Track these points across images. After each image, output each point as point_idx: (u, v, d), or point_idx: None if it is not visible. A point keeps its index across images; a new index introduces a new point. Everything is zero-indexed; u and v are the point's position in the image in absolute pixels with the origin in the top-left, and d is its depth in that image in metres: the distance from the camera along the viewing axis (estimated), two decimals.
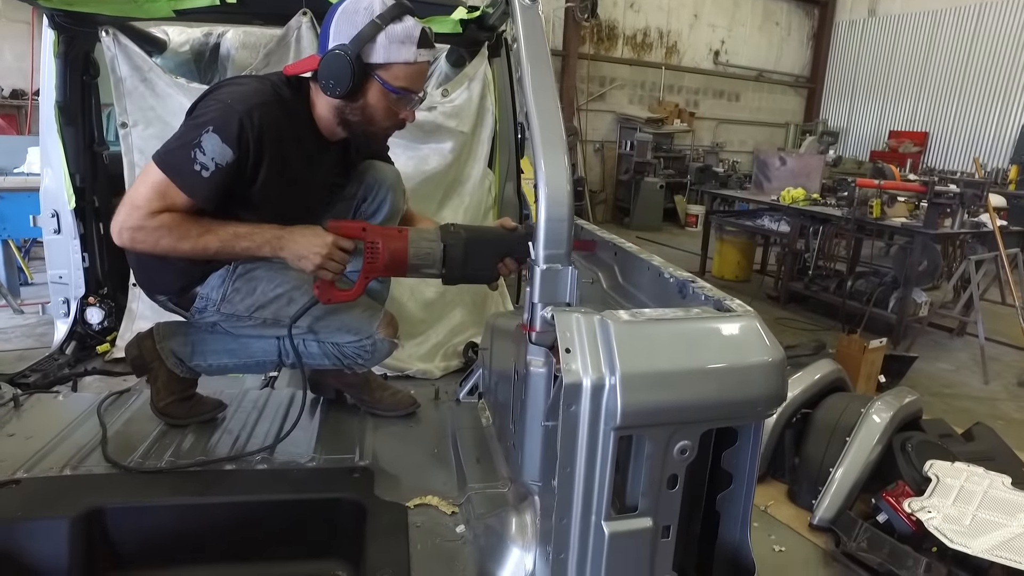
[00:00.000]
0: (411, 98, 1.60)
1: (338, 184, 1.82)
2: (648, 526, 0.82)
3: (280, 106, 1.53)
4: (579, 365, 0.78)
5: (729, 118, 12.67)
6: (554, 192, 1.01)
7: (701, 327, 0.85)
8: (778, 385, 0.83)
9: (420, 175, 2.50)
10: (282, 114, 1.53)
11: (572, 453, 0.80)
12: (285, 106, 1.55)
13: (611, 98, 11.26)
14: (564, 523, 0.82)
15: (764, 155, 6.94)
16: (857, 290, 5.64)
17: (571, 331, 0.82)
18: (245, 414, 1.86)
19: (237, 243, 1.51)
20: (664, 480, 0.82)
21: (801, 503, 3.00)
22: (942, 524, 2.58)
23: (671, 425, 0.80)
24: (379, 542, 1.25)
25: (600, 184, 11.48)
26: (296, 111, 1.58)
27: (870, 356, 4.18)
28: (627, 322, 0.82)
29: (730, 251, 7.23)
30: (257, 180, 1.53)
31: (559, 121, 1.08)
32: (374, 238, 1.52)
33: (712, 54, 12.13)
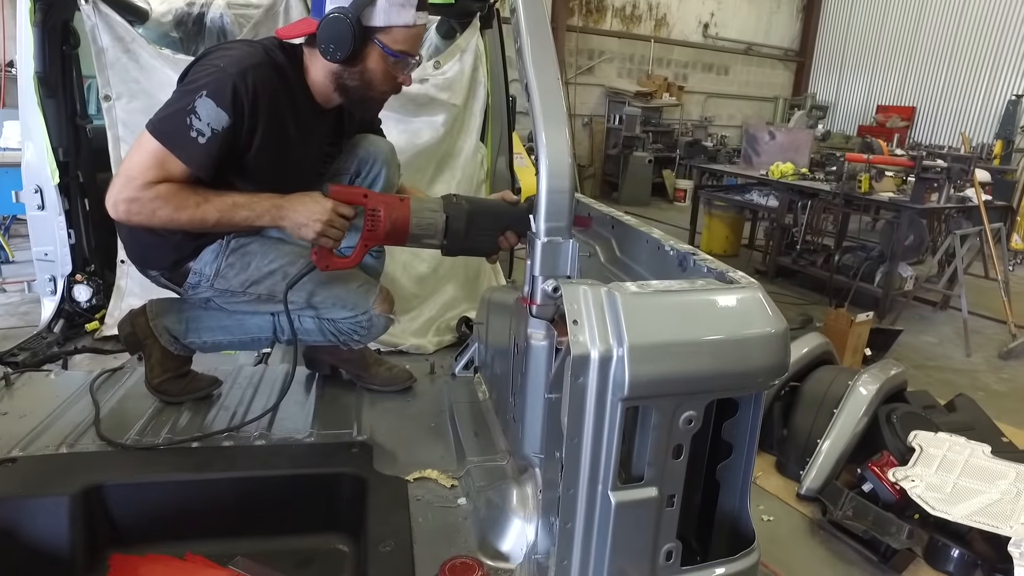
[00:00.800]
0: (408, 62, 1.58)
1: (330, 154, 1.79)
2: (654, 495, 0.83)
3: (274, 69, 1.50)
4: (587, 337, 0.79)
5: (718, 92, 12.61)
6: (555, 164, 1.01)
7: (706, 299, 0.85)
8: (781, 356, 0.84)
9: (412, 148, 2.47)
10: (276, 78, 1.51)
11: (579, 424, 0.81)
12: (279, 70, 1.52)
13: (600, 71, 11.16)
14: (571, 493, 0.83)
15: (753, 129, 6.94)
16: (844, 264, 5.70)
17: (578, 303, 0.82)
18: (241, 391, 1.85)
19: (236, 213, 1.48)
20: (670, 450, 0.83)
21: (789, 474, 3.06)
22: (924, 492, 2.65)
23: (677, 396, 0.81)
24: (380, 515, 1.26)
25: (589, 159, 11.43)
26: (290, 76, 1.55)
27: (857, 330, 4.24)
28: (635, 294, 0.83)
29: (719, 226, 7.25)
30: (252, 146, 1.50)
31: (560, 93, 1.07)
32: (376, 205, 1.49)
33: (701, 27, 12.03)
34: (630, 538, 0.84)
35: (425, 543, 1.18)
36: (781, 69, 13.48)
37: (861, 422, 2.99)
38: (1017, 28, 10.41)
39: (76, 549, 1.29)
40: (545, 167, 1.01)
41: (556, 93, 1.06)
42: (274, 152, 1.55)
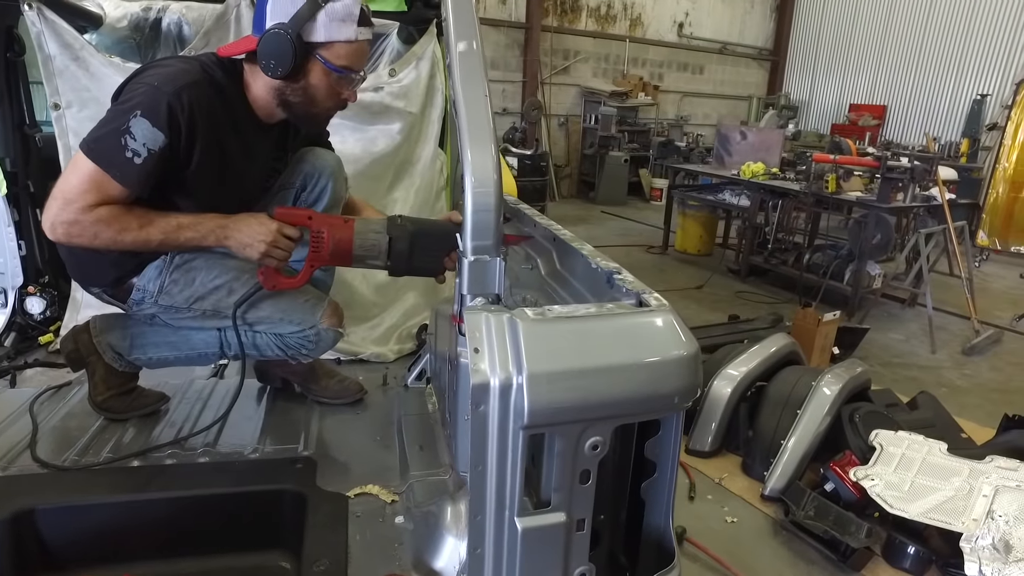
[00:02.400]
0: (353, 77, 1.57)
1: (276, 169, 1.78)
2: (561, 520, 0.83)
3: (211, 87, 1.49)
4: (487, 364, 0.78)
5: (693, 91, 12.70)
6: (480, 183, 1.00)
7: (611, 324, 0.85)
8: (691, 379, 0.84)
9: (369, 156, 2.45)
10: (214, 95, 1.49)
11: (483, 451, 0.80)
12: (217, 87, 1.50)
13: (575, 71, 11.18)
14: (478, 520, 0.83)
15: (725, 129, 6.99)
16: (814, 263, 5.77)
17: (480, 330, 0.82)
18: (189, 406, 1.83)
19: (180, 234, 1.48)
20: (576, 475, 0.83)
21: (754, 475, 3.09)
22: (883, 491, 2.68)
23: (581, 422, 0.81)
24: (318, 533, 1.25)
25: (565, 159, 11.45)
26: (230, 93, 1.54)
27: (824, 329, 4.28)
28: (535, 320, 0.82)
29: (692, 225, 7.31)
30: (191, 163, 1.48)
31: (487, 110, 1.06)
32: (320, 227, 1.51)
33: (676, 26, 12.10)
34: (540, 563, 0.84)
35: (361, 561, 1.17)
36: (756, 68, 13.60)
37: (824, 422, 3.02)
38: (981, 30, 10.61)
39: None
40: (470, 186, 1.00)
41: (483, 110, 1.06)
42: (214, 169, 1.53)
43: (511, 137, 9.59)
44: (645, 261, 7.21)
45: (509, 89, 10.68)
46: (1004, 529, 2.35)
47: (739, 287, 6.22)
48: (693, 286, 6.20)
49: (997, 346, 5.08)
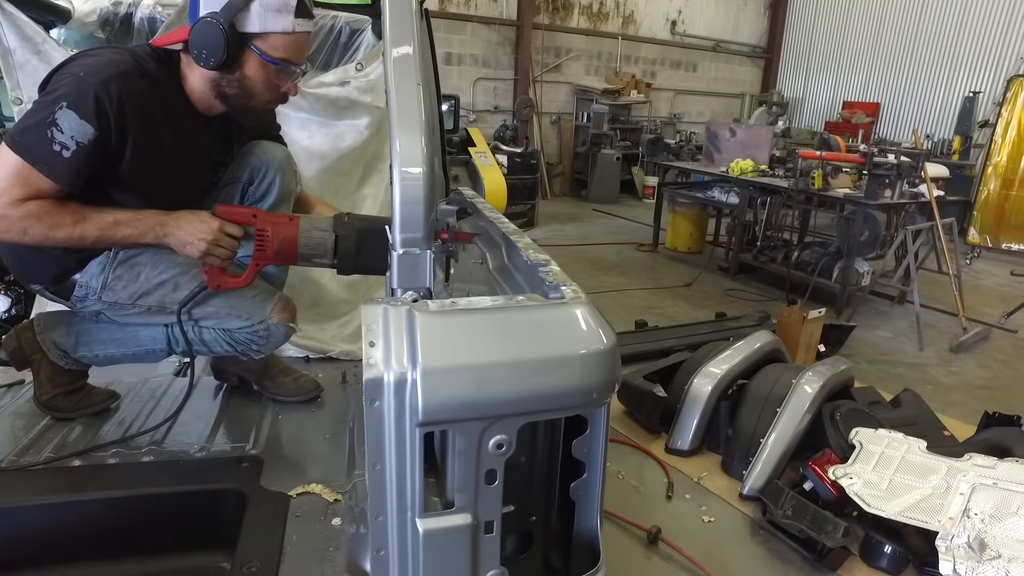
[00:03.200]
0: (292, 70, 1.53)
1: (222, 163, 1.73)
2: (467, 522, 0.79)
3: (143, 78, 1.44)
4: (381, 358, 0.75)
5: (687, 89, 12.66)
6: (409, 174, 0.96)
7: (517, 317, 0.81)
8: (604, 374, 0.80)
9: (336, 152, 2.42)
10: (147, 86, 1.44)
11: (380, 449, 0.77)
12: (150, 78, 1.46)
13: (567, 69, 11.14)
14: (380, 520, 0.79)
15: (715, 126, 6.96)
16: (803, 260, 5.74)
17: (376, 324, 0.78)
18: (141, 404, 1.79)
19: (117, 231, 1.44)
20: (481, 475, 0.80)
21: (733, 474, 3.06)
22: (862, 489, 2.65)
23: (482, 420, 0.77)
24: (254, 533, 1.21)
25: (557, 157, 11.42)
26: (164, 84, 1.50)
27: (809, 326, 4.25)
28: (434, 313, 0.79)
29: (682, 223, 7.28)
30: (125, 157, 1.44)
31: (417, 100, 1.02)
32: (264, 225, 1.48)
33: (669, 24, 12.06)
34: (445, 566, 0.80)
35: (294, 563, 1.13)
36: (749, 66, 13.57)
37: (804, 420, 3.00)
38: (974, 27, 10.59)
39: None
40: (398, 177, 0.97)
41: (413, 99, 1.02)
42: (152, 163, 1.49)
43: (502, 135, 9.56)
44: (635, 259, 7.18)
45: (500, 87, 10.64)
46: (979, 527, 2.32)
47: (728, 285, 6.19)
48: (682, 284, 6.17)
49: (985, 343, 5.05)
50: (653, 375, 3.59)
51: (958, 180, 8.16)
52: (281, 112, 2.36)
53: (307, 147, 2.38)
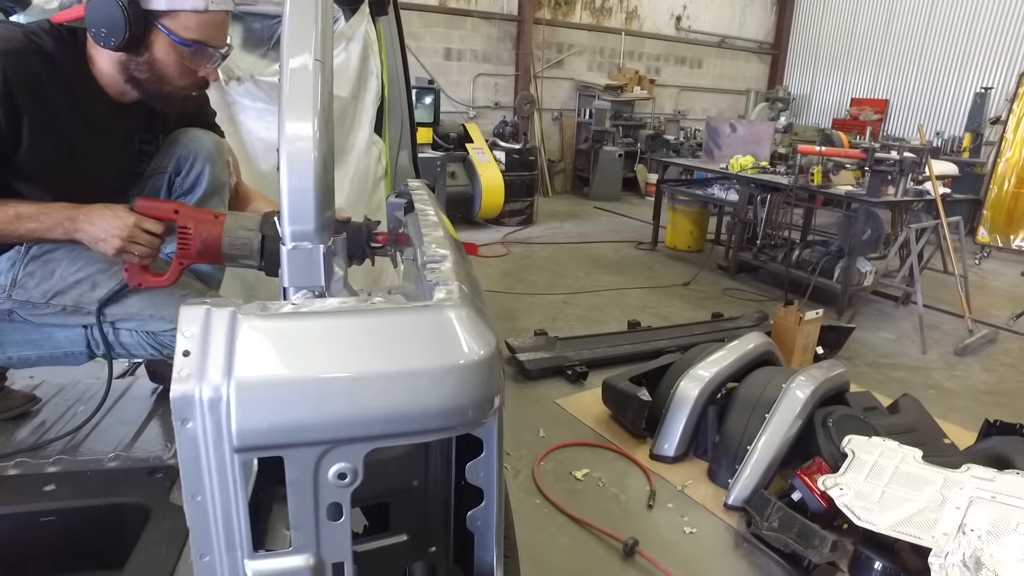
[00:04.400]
0: (208, 52, 1.40)
1: (147, 152, 1.61)
2: (307, 564, 0.67)
3: (38, 57, 1.32)
4: (194, 371, 0.62)
5: (691, 85, 12.48)
6: (297, 159, 0.84)
7: (367, 323, 0.67)
8: (476, 389, 0.66)
9: None
10: (42, 67, 1.32)
11: (199, 478, 0.64)
12: (46, 58, 1.34)
13: (569, 65, 10.99)
14: (207, 561, 0.67)
15: (715, 122, 6.80)
16: (803, 260, 5.58)
17: (194, 329, 0.64)
18: (64, 407, 1.67)
19: (20, 225, 1.33)
20: (322, 510, 0.67)
21: (719, 482, 2.93)
22: (852, 501, 2.51)
23: (317, 445, 0.64)
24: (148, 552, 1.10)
25: (559, 153, 11.28)
26: (66, 65, 1.37)
27: (806, 328, 4.10)
28: (262, 316, 0.66)
29: (682, 221, 7.12)
30: (22, 145, 1.32)
31: (313, 78, 0.90)
32: (186, 222, 1.35)
33: (674, 19, 11.88)
34: None
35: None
36: (756, 62, 13.36)
37: (794, 426, 2.85)
38: (985, 22, 10.35)
39: None
40: (286, 163, 0.84)
41: (308, 76, 0.89)
42: (55, 151, 1.38)
43: (500, 131, 9.43)
44: (633, 258, 7.04)
45: (501, 83, 10.51)
46: (976, 544, 2.17)
47: (727, 284, 6.04)
48: (680, 283, 6.02)
49: (991, 346, 4.87)
50: (640, 378, 3.45)
51: (968, 178, 7.95)
52: (237, 101, 2.24)
53: (265, 138, 2.26)
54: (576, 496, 2.83)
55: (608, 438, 3.29)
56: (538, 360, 4.05)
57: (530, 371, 3.95)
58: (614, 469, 3.04)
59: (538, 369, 3.98)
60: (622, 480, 2.95)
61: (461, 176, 8.21)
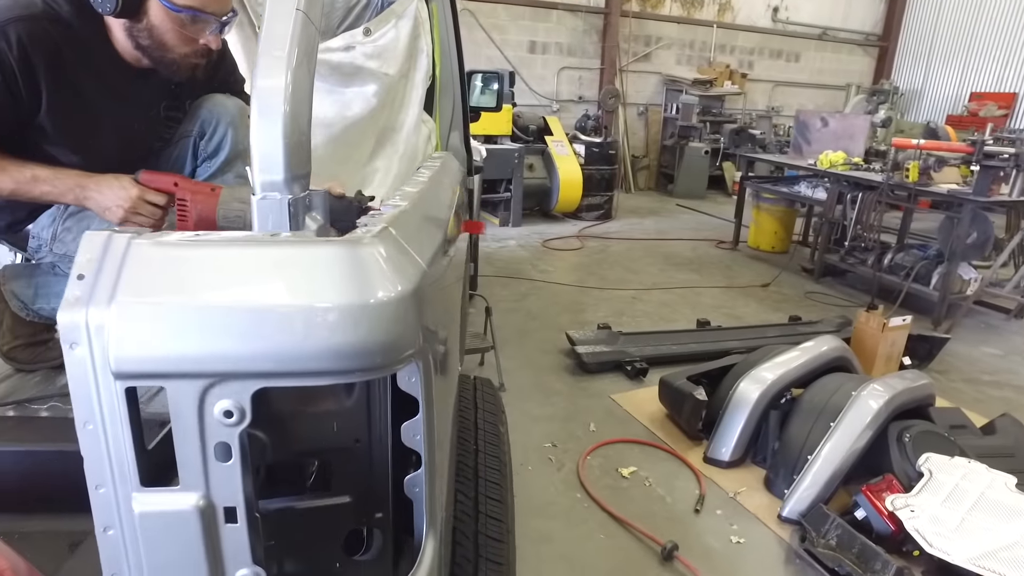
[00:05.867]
0: (206, 19, 1.41)
1: (173, 118, 1.66)
2: (192, 504, 0.64)
3: (54, 23, 1.37)
4: (84, 295, 0.60)
5: (787, 80, 11.82)
6: (266, 111, 0.82)
7: (261, 255, 0.64)
8: (380, 332, 0.61)
9: (343, 121, 2.30)
10: (58, 32, 1.37)
11: (88, 405, 0.63)
12: (63, 24, 1.38)
13: (657, 59, 10.69)
14: (103, 493, 0.65)
15: (805, 116, 6.38)
16: (897, 264, 5.14)
17: (92, 254, 0.64)
18: None
19: (35, 187, 1.38)
20: (210, 449, 0.64)
21: (776, 492, 2.73)
22: (925, 525, 2.27)
23: (199, 377, 0.61)
24: None
25: (643, 149, 11.00)
26: (83, 31, 1.41)
27: (890, 335, 3.77)
28: (156, 244, 0.64)
29: (767, 220, 6.76)
30: (41, 108, 1.38)
31: (290, 33, 0.87)
32: (184, 194, 1.38)
33: (771, 11, 11.29)
34: (172, 556, 0.65)
35: None
36: (860, 55, 12.48)
37: (863, 438, 2.61)
38: None
39: None
40: (256, 114, 0.82)
41: (284, 30, 0.87)
42: (74, 115, 1.42)
43: (583, 125, 9.29)
44: (712, 256, 6.75)
45: (586, 76, 10.37)
46: None
47: (810, 287, 5.67)
48: (758, 284, 5.71)
49: None
50: (700, 377, 3.29)
51: None
52: None
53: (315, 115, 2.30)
54: (620, 494, 2.72)
55: (661, 437, 3.16)
56: (597, 353, 3.95)
57: (588, 364, 3.86)
58: (663, 469, 2.90)
59: (596, 363, 3.88)
60: (670, 481, 2.81)
61: (539, 169, 8.16)
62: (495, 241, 7.12)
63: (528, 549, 2.36)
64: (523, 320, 4.76)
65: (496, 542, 1.19)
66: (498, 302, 5.04)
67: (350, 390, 0.76)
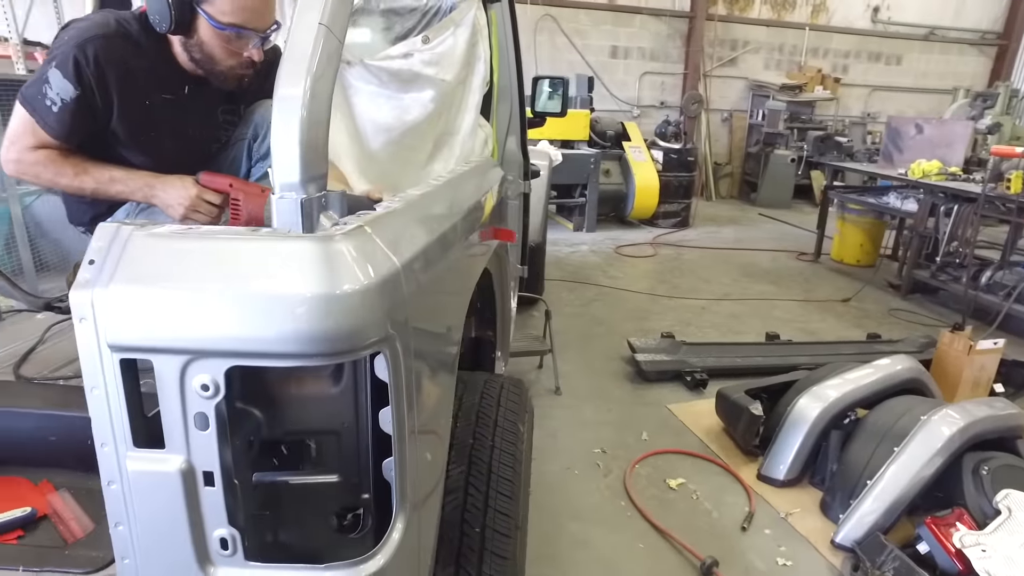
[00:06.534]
0: (248, 34, 1.54)
1: (230, 122, 1.80)
2: (176, 466, 0.71)
3: (123, 39, 1.53)
4: (93, 276, 0.70)
5: (886, 84, 11.13)
6: (286, 116, 0.90)
7: (236, 247, 0.72)
8: (334, 320, 0.66)
9: (402, 126, 2.40)
10: (126, 48, 1.53)
11: (95, 372, 0.72)
12: (132, 40, 1.55)
13: (743, 63, 10.35)
14: (107, 450, 0.74)
15: (897, 122, 5.99)
16: (996, 282, 4.75)
17: (102, 243, 0.73)
18: None
19: (112, 186, 1.55)
20: (191, 418, 0.71)
21: (832, 516, 2.61)
22: (998, 568, 2.12)
23: (180, 353, 0.70)
24: None
25: (726, 156, 10.68)
26: (148, 46, 1.57)
27: (978, 358, 3.50)
28: (153, 235, 0.73)
29: (852, 232, 6.41)
30: (113, 115, 1.54)
31: (312, 44, 0.94)
32: (237, 194, 1.54)
33: (870, 11, 10.68)
34: (160, 512, 0.73)
35: None
36: (973, 55, 11.58)
37: (931, 466, 2.45)
38: None
39: None
40: (276, 119, 0.90)
41: (307, 41, 0.94)
42: (141, 121, 1.58)
43: (662, 131, 9.14)
44: (790, 268, 6.47)
45: (668, 82, 10.20)
46: None
47: (895, 304, 5.33)
48: (838, 299, 5.43)
49: None
50: (761, 391, 3.18)
51: None
52: (352, 84, 2.42)
53: (374, 120, 2.41)
54: (665, 505, 2.68)
55: (715, 451, 3.08)
56: (657, 362, 3.89)
57: (647, 372, 3.81)
58: (713, 483, 2.83)
59: (655, 371, 3.83)
60: (719, 496, 2.74)
61: (615, 174, 8.11)
62: (567, 246, 7.14)
63: (564, 551, 2.37)
64: (587, 325, 4.75)
65: (503, 536, 1.23)
66: (563, 306, 5.05)
67: (338, 376, 0.83)
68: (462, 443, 1.34)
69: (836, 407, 2.84)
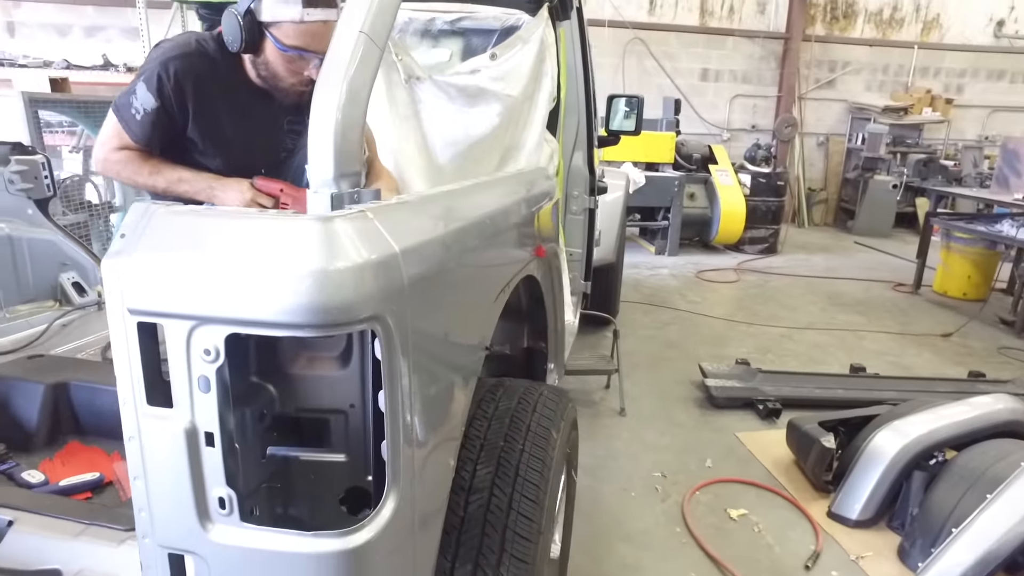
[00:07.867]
0: (309, 56, 1.66)
1: (297, 131, 1.93)
2: (181, 425, 0.77)
3: (201, 58, 1.70)
4: (122, 249, 0.78)
5: (1008, 105, 10.27)
6: (322, 119, 0.96)
7: (238, 225, 0.78)
8: (337, 294, 0.71)
9: (468, 139, 2.49)
10: (203, 66, 1.69)
11: (120, 336, 0.79)
12: (209, 59, 1.71)
13: (842, 85, 9.88)
14: (127, 407, 0.80)
15: (1014, 144, 5.51)
16: None
17: (134, 219, 0.80)
18: None
19: (179, 186, 1.72)
20: (195, 380, 0.77)
21: (910, 564, 2.40)
22: None
23: (186, 319, 0.75)
24: None
25: (822, 182, 10.18)
26: (222, 64, 1.73)
27: None
28: (173, 212, 0.81)
29: (958, 262, 5.93)
30: (188, 125, 1.71)
31: (351, 52, 1.01)
32: (286, 199, 1.67)
33: (993, 25, 9.91)
34: (167, 467, 0.78)
35: None
36: None
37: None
38: None
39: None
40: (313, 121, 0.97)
41: (346, 48, 1.01)
42: (216, 131, 1.75)
43: (752, 155, 8.86)
44: (885, 299, 6.06)
45: (760, 104, 9.90)
46: None
47: (1007, 342, 4.87)
48: (938, 333, 5.03)
49: None
50: (837, 424, 2.99)
51: None
52: (422, 99, 2.53)
53: (442, 133, 2.50)
54: (723, 535, 2.56)
55: (783, 483, 2.91)
56: (728, 388, 3.75)
57: (716, 398, 3.68)
58: (777, 517, 2.68)
59: (725, 397, 3.69)
60: (783, 531, 2.59)
61: (700, 198, 7.93)
62: (647, 269, 7.03)
63: (611, 572, 2.31)
64: (660, 348, 4.64)
65: (524, 540, 1.22)
66: (637, 328, 4.97)
67: (346, 358, 0.87)
68: (492, 444, 1.35)
69: (919, 444, 2.62)
